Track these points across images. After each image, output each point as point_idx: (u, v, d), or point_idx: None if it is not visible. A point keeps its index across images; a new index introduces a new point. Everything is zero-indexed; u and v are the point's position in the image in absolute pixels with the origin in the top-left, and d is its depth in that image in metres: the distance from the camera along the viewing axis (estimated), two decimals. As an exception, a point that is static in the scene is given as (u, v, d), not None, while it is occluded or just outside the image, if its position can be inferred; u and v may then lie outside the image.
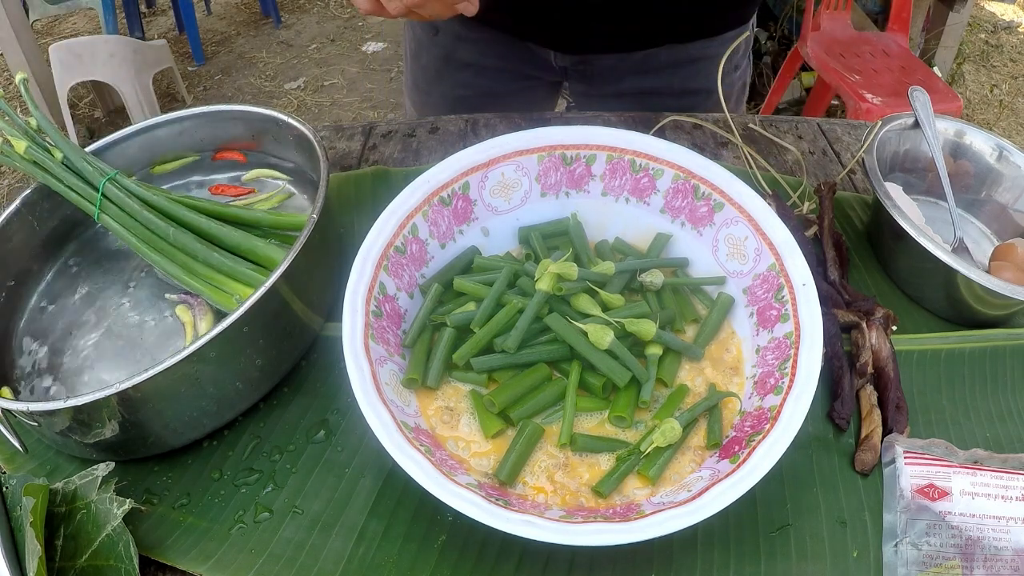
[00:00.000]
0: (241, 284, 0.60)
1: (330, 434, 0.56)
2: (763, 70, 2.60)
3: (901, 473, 0.52)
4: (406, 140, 0.84)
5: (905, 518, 0.50)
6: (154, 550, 0.50)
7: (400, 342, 0.57)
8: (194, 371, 0.50)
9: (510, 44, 0.90)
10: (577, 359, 0.56)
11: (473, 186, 0.63)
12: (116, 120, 2.57)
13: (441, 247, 0.62)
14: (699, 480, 0.49)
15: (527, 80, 0.96)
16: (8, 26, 2.20)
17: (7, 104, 0.66)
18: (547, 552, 0.49)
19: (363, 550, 0.50)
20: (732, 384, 0.56)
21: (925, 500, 0.50)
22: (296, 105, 2.73)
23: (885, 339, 0.59)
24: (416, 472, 0.45)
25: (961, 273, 0.59)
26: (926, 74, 2.05)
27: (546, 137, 0.64)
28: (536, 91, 0.98)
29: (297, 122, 0.68)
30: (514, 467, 0.51)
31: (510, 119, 0.86)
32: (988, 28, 3.14)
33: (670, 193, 0.64)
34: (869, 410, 0.56)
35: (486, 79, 0.94)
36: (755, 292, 0.58)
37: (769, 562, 0.49)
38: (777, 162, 0.81)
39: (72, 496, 0.48)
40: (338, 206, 0.74)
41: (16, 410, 0.49)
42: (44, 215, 0.67)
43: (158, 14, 3.26)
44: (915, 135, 0.73)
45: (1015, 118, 2.67)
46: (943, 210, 0.72)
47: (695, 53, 0.88)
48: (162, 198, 0.63)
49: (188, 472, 0.55)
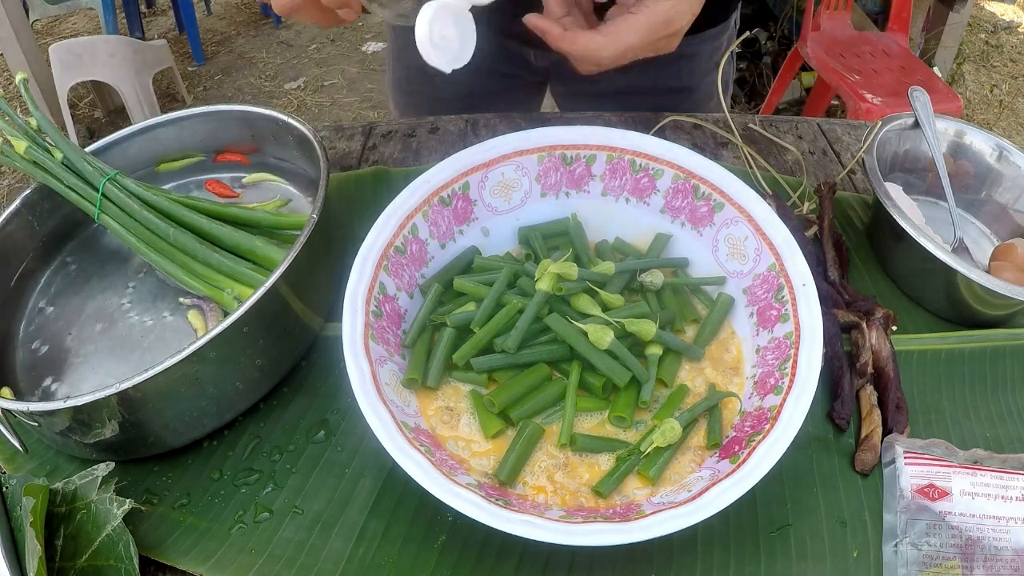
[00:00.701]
0: (241, 284, 0.60)
1: (330, 434, 0.56)
2: (763, 70, 2.60)
3: (901, 473, 0.52)
4: (406, 140, 0.84)
5: (905, 518, 0.50)
6: (154, 550, 0.50)
7: (400, 342, 0.57)
8: (194, 371, 0.50)
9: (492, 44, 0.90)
10: (577, 359, 0.56)
11: (473, 186, 0.63)
12: (116, 120, 2.57)
13: (441, 247, 0.62)
14: (699, 480, 0.49)
15: (510, 80, 0.95)
16: (8, 26, 2.20)
17: (7, 104, 0.66)
18: (547, 552, 0.49)
19: (363, 550, 0.50)
20: (732, 384, 0.56)
21: (925, 500, 0.50)
22: (296, 105, 2.73)
23: (885, 339, 0.59)
24: (416, 472, 0.45)
25: (961, 273, 0.59)
26: (926, 74, 2.05)
27: (546, 137, 0.64)
28: (519, 91, 0.98)
29: (297, 122, 0.68)
30: (514, 467, 0.51)
31: (510, 119, 0.86)
32: (988, 28, 3.14)
33: (670, 193, 0.64)
34: (869, 410, 0.56)
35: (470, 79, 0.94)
36: (755, 292, 0.58)
37: (769, 562, 0.49)
38: (777, 162, 0.81)
39: (72, 496, 0.48)
40: (338, 206, 0.74)
41: (16, 410, 0.49)
42: (44, 215, 0.67)
43: (158, 14, 3.26)
44: (915, 135, 0.73)
45: (1015, 118, 2.67)
46: (943, 210, 0.72)
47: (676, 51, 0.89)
48: (162, 198, 0.63)
49: (188, 472, 0.55)
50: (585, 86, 0.92)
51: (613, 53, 0.57)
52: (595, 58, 0.58)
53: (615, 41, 0.56)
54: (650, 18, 0.56)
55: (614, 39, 0.56)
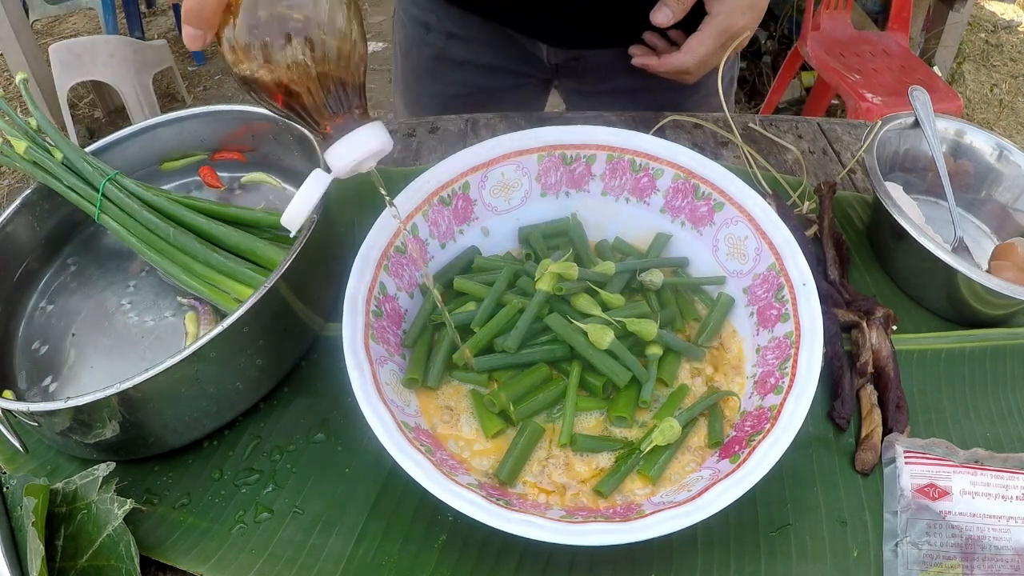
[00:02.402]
0: (241, 284, 0.60)
1: (330, 434, 0.56)
2: (763, 70, 2.60)
3: (901, 472, 0.52)
4: (406, 140, 0.84)
5: (905, 517, 0.50)
6: (155, 550, 0.50)
7: (400, 342, 0.57)
8: (194, 371, 0.50)
9: (503, 41, 0.90)
10: (577, 359, 0.56)
11: (473, 186, 0.63)
12: (116, 120, 2.56)
13: (441, 247, 0.62)
14: (699, 480, 0.49)
15: (519, 78, 0.96)
16: (8, 26, 2.20)
17: (7, 104, 0.66)
18: (548, 552, 0.49)
19: (363, 550, 0.50)
20: (732, 384, 0.56)
21: (925, 500, 0.50)
22: (296, 105, 2.72)
23: (885, 339, 0.59)
24: (416, 472, 0.45)
25: (961, 273, 0.59)
26: (926, 74, 2.05)
27: (546, 137, 0.64)
28: (527, 89, 0.99)
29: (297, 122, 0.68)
30: (514, 467, 0.51)
31: (510, 119, 0.86)
32: (988, 28, 3.14)
33: (670, 193, 0.64)
34: (869, 410, 0.56)
35: (479, 77, 0.95)
36: (755, 292, 0.58)
37: (769, 562, 0.49)
38: (777, 162, 0.81)
39: (73, 496, 0.48)
40: (338, 206, 0.74)
41: (16, 410, 0.49)
42: (44, 215, 0.67)
43: (158, 14, 3.26)
44: (915, 135, 0.73)
45: (1015, 118, 2.67)
46: (943, 210, 0.72)
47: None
48: (162, 198, 0.63)
49: (188, 472, 0.55)
50: (597, 84, 0.92)
51: (695, 63, 0.74)
52: (684, 70, 0.75)
53: (692, 55, 0.73)
54: (710, 31, 0.72)
55: (691, 54, 0.73)
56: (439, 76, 0.96)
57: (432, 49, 0.94)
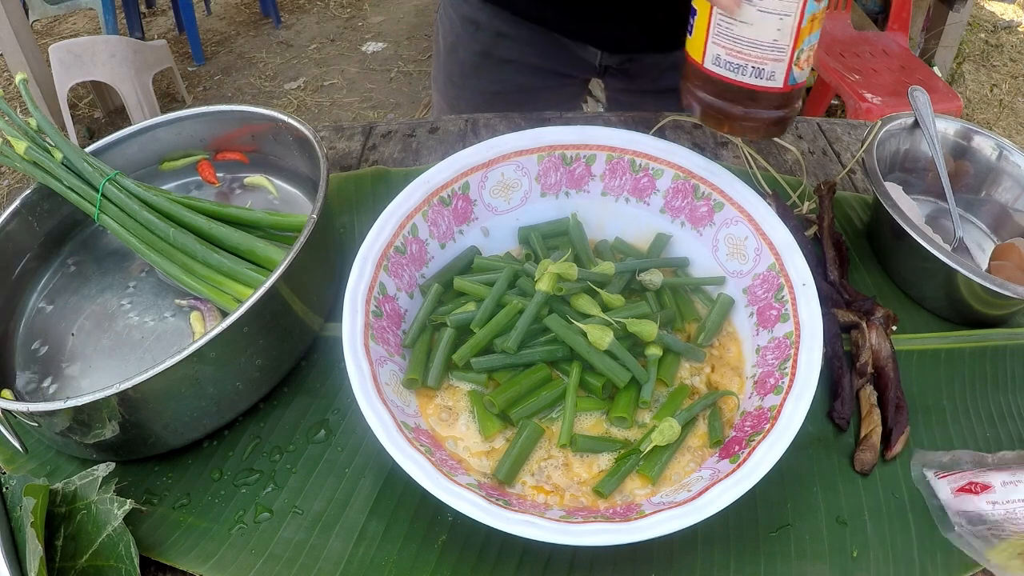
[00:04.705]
0: (241, 284, 0.60)
1: (330, 434, 0.56)
2: (763, 70, 2.59)
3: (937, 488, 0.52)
4: (406, 140, 0.84)
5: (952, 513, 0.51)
6: (154, 550, 0.50)
7: (400, 342, 0.57)
8: (194, 371, 0.50)
9: (552, 43, 0.90)
10: (577, 359, 0.56)
11: (473, 186, 0.63)
12: (116, 120, 2.56)
13: (441, 247, 0.62)
14: (699, 480, 0.49)
15: (563, 78, 0.96)
16: (8, 26, 2.20)
17: (7, 104, 0.66)
18: (548, 552, 0.49)
19: (363, 550, 0.50)
20: (732, 384, 0.56)
21: (969, 495, 0.51)
22: (296, 105, 2.73)
23: (885, 339, 0.59)
24: (416, 472, 0.45)
25: (961, 273, 0.59)
26: (926, 74, 2.05)
27: (546, 137, 0.64)
28: (569, 88, 1.00)
29: (297, 122, 0.68)
30: (513, 467, 0.51)
31: (510, 119, 0.86)
32: (988, 28, 3.14)
33: (670, 193, 0.64)
34: (869, 410, 0.56)
35: (523, 76, 0.95)
36: (755, 292, 0.58)
37: (769, 562, 0.49)
38: (777, 162, 0.81)
39: (72, 496, 0.48)
40: (338, 206, 0.74)
41: (16, 410, 0.49)
42: (44, 215, 0.67)
43: (158, 14, 3.26)
44: (915, 135, 0.73)
45: (1015, 118, 2.67)
46: (943, 210, 0.72)
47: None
48: (162, 198, 0.63)
49: (188, 472, 0.55)
50: (645, 83, 0.93)
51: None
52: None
53: None
54: None
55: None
56: (484, 73, 0.96)
57: (480, 46, 0.93)
